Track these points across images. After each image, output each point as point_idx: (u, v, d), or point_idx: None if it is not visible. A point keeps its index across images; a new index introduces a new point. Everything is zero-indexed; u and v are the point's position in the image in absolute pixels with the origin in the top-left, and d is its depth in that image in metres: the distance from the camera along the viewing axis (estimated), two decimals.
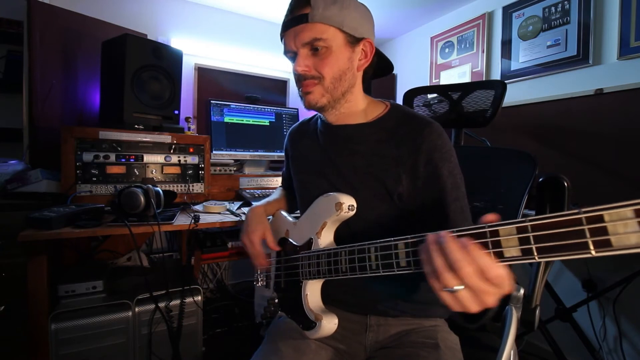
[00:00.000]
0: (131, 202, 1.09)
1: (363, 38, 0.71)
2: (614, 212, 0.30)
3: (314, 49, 0.69)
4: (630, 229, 0.29)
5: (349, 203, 0.68)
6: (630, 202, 0.29)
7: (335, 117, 0.78)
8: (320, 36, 0.67)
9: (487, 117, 1.23)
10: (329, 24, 0.67)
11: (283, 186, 1.07)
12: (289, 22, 0.70)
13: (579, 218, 0.32)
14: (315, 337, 0.70)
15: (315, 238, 0.72)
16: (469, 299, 0.41)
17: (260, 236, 0.82)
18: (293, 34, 0.69)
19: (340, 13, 0.67)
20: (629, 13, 1.44)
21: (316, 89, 0.71)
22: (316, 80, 0.71)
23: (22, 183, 1.26)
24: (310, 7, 0.66)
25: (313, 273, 0.70)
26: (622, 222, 0.30)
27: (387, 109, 0.77)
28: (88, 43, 1.65)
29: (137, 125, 1.40)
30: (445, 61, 2.30)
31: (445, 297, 0.42)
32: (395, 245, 0.53)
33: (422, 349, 0.68)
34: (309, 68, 0.70)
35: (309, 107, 0.74)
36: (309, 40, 0.68)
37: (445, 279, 0.41)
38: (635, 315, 1.43)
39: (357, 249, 0.59)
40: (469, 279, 0.40)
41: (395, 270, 0.53)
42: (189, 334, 1.25)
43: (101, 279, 1.19)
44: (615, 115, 1.44)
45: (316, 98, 0.72)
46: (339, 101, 0.74)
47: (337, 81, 0.71)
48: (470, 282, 0.40)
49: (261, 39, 2.41)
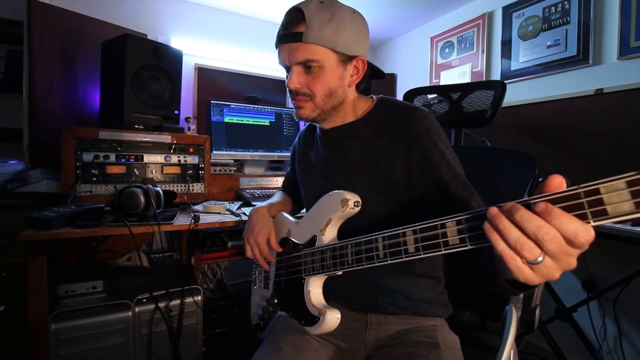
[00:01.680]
0: (131, 202, 1.09)
1: (355, 56, 0.72)
2: (609, 184, 0.33)
3: (307, 67, 0.70)
4: (623, 198, 0.33)
5: (355, 199, 0.69)
6: (623, 175, 0.33)
7: (328, 124, 0.81)
8: (313, 57, 0.69)
9: (487, 117, 1.23)
10: (322, 45, 0.68)
11: (285, 189, 1.08)
12: (283, 36, 0.70)
13: (577, 192, 0.35)
14: (318, 332, 0.71)
15: (320, 235, 0.73)
16: (553, 266, 0.37)
17: (266, 236, 0.84)
18: (287, 50, 0.70)
19: (335, 33, 0.68)
20: (629, 13, 1.44)
21: (307, 105, 0.74)
22: (307, 97, 0.73)
23: (22, 183, 1.26)
24: (306, 25, 0.67)
25: (317, 268, 0.71)
26: (616, 192, 0.33)
27: (374, 102, 0.80)
28: (88, 43, 1.65)
29: (137, 125, 1.40)
30: (445, 61, 2.30)
31: (524, 271, 0.38)
32: (403, 233, 0.53)
33: (422, 348, 0.68)
34: (301, 85, 0.72)
35: (299, 119, 0.78)
36: (302, 60, 0.69)
37: (527, 250, 0.36)
38: (635, 315, 1.43)
39: (364, 240, 0.60)
40: (555, 246, 0.35)
41: (403, 257, 0.53)
42: (189, 334, 1.25)
43: (101, 279, 1.19)
44: (615, 115, 1.44)
45: (307, 113, 0.75)
46: (329, 114, 0.76)
47: (327, 98, 0.73)
48: (556, 250, 0.35)
49: (261, 39, 2.41)
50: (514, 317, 0.72)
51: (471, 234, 0.45)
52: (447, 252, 0.47)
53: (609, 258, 1.49)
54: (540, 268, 0.37)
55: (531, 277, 0.38)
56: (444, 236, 0.47)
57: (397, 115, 0.73)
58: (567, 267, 0.37)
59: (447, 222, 0.47)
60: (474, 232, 0.44)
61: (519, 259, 0.37)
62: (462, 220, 0.46)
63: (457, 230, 0.46)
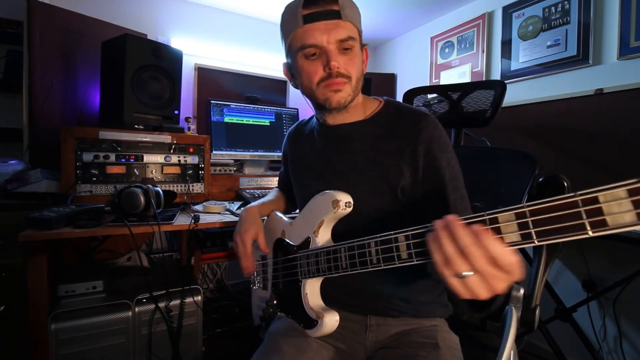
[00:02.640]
0: (131, 202, 1.09)
1: (364, 44, 0.73)
2: (609, 193, 0.31)
3: (344, 48, 0.67)
4: (624, 208, 0.30)
5: (346, 200, 0.67)
6: (624, 182, 0.31)
7: (334, 119, 0.78)
8: (354, 35, 0.68)
9: (487, 117, 1.23)
10: (355, 24, 0.68)
11: (280, 187, 1.07)
12: (317, 13, 0.65)
13: (575, 201, 0.34)
14: (317, 335, 0.70)
15: (313, 237, 0.72)
16: (479, 284, 0.41)
17: (253, 236, 0.81)
18: (324, 27, 0.65)
19: (358, 15, 0.69)
20: (629, 13, 1.44)
21: (346, 88, 0.70)
22: (346, 79, 0.69)
23: (22, 183, 1.26)
24: (338, 5, 0.66)
25: (312, 271, 0.70)
26: (616, 202, 0.31)
27: (382, 104, 0.78)
28: (88, 43, 1.65)
29: (137, 125, 1.40)
30: (445, 61, 2.30)
31: (454, 284, 0.42)
32: (396, 239, 0.53)
33: (421, 349, 0.68)
34: (343, 67, 0.68)
35: (337, 105, 0.71)
36: (345, 37, 0.66)
37: (455, 264, 0.41)
38: (635, 315, 1.43)
39: (357, 244, 0.59)
40: (479, 264, 0.40)
41: (396, 263, 0.53)
42: (188, 334, 1.25)
43: (101, 279, 1.19)
44: (615, 115, 1.44)
45: (345, 96, 0.70)
46: (351, 102, 0.73)
47: (358, 82, 0.72)
48: (480, 267, 0.40)
49: (261, 39, 2.41)
50: (514, 317, 0.72)
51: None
52: None
53: (609, 258, 1.49)
54: (467, 283, 0.41)
55: (460, 290, 0.42)
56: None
57: (407, 121, 0.72)
58: (493, 289, 0.41)
59: None
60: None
61: (448, 271, 0.42)
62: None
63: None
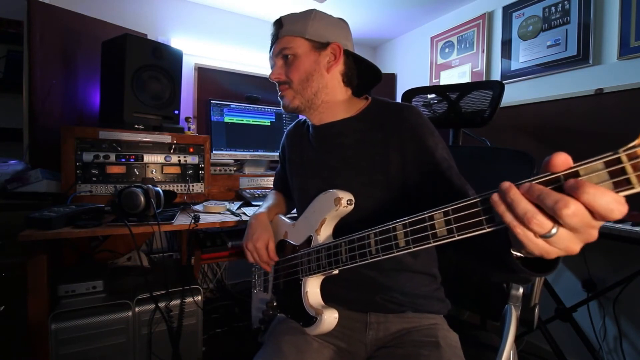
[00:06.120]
0: (131, 202, 1.09)
1: (329, 43, 0.77)
2: (588, 166, 0.34)
3: (284, 58, 0.79)
4: (602, 179, 0.33)
5: (347, 198, 0.70)
6: (600, 156, 0.34)
7: (318, 119, 0.83)
8: (286, 46, 0.78)
9: (485, 118, 1.23)
10: (293, 35, 0.77)
11: (276, 187, 1.09)
12: (271, 42, 0.82)
13: (558, 177, 0.36)
14: (316, 332, 0.71)
15: (315, 235, 0.73)
16: (571, 238, 0.35)
17: (265, 243, 0.84)
18: (273, 49, 0.81)
19: (304, 24, 0.77)
20: (629, 13, 1.44)
21: (287, 93, 0.80)
22: (286, 85, 0.80)
23: (22, 183, 1.26)
24: (282, 26, 0.79)
25: (313, 268, 0.71)
26: (595, 174, 0.33)
27: (369, 102, 0.82)
28: (88, 43, 1.65)
29: (137, 125, 1.40)
30: (445, 61, 2.30)
31: (538, 243, 0.36)
32: (394, 228, 0.53)
33: (423, 348, 0.68)
34: (280, 75, 0.80)
35: (285, 109, 0.83)
36: (278, 51, 0.79)
37: (540, 222, 0.34)
38: (635, 315, 1.43)
39: (357, 237, 0.60)
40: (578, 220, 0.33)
41: (394, 251, 0.53)
42: (189, 334, 1.25)
43: (101, 279, 1.19)
44: (615, 115, 1.44)
45: (288, 100, 0.81)
46: (312, 101, 0.79)
47: (304, 82, 0.78)
48: (579, 223, 0.33)
49: (261, 39, 2.40)
50: (514, 316, 0.72)
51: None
52: (435, 244, 0.47)
53: (609, 258, 1.49)
54: (555, 241, 0.35)
55: (548, 250, 0.36)
56: (432, 228, 0.47)
57: (392, 113, 0.76)
58: (589, 239, 0.35)
59: (435, 214, 0.47)
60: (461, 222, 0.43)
61: (526, 233, 0.36)
62: (449, 211, 0.45)
63: (444, 221, 0.46)
